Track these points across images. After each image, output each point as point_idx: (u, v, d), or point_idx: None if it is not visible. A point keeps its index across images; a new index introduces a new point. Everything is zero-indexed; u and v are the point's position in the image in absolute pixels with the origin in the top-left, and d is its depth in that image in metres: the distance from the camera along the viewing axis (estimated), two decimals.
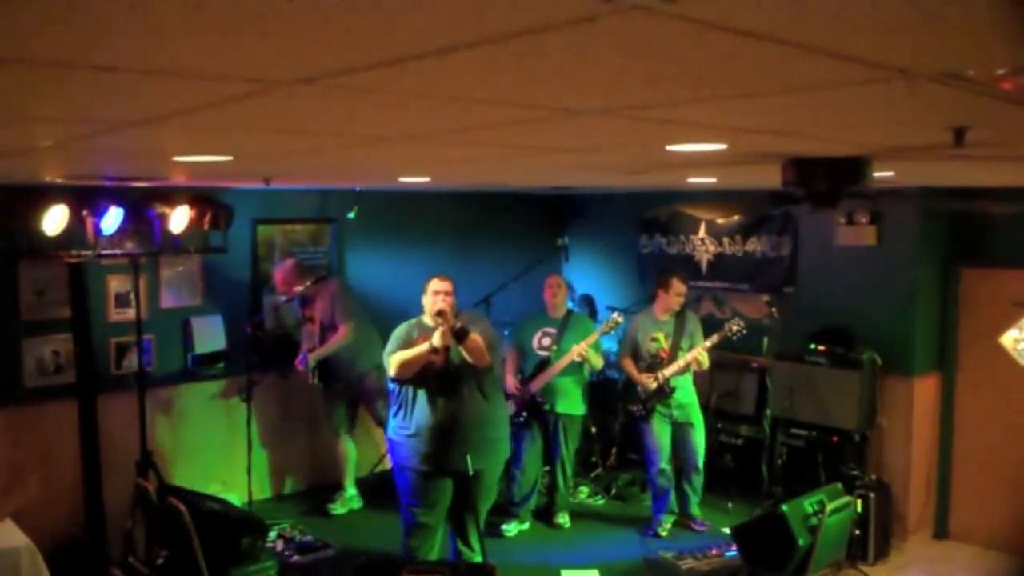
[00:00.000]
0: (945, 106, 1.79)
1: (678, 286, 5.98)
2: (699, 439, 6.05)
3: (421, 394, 4.67)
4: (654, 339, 5.99)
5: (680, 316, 6.06)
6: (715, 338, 5.90)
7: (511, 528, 6.03)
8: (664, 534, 6.00)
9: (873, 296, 6.13)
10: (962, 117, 2.01)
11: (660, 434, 5.96)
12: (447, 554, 5.16)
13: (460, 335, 4.48)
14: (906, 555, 5.88)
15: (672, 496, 6.05)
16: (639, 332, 6.07)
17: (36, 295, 5.52)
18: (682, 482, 6.08)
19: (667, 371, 5.88)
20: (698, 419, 6.06)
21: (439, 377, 4.62)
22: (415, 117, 2.03)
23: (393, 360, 4.65)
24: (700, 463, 6.06)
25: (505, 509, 6.06)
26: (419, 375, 4.63)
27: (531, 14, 1.00)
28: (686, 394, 6.02)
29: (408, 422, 4.70)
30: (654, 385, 5.90)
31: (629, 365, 6.08)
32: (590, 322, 6.66)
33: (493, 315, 6.88)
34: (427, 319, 4.70)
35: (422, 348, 4.56)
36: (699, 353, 5.88)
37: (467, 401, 4.66)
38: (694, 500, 6.13)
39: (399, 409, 4.76)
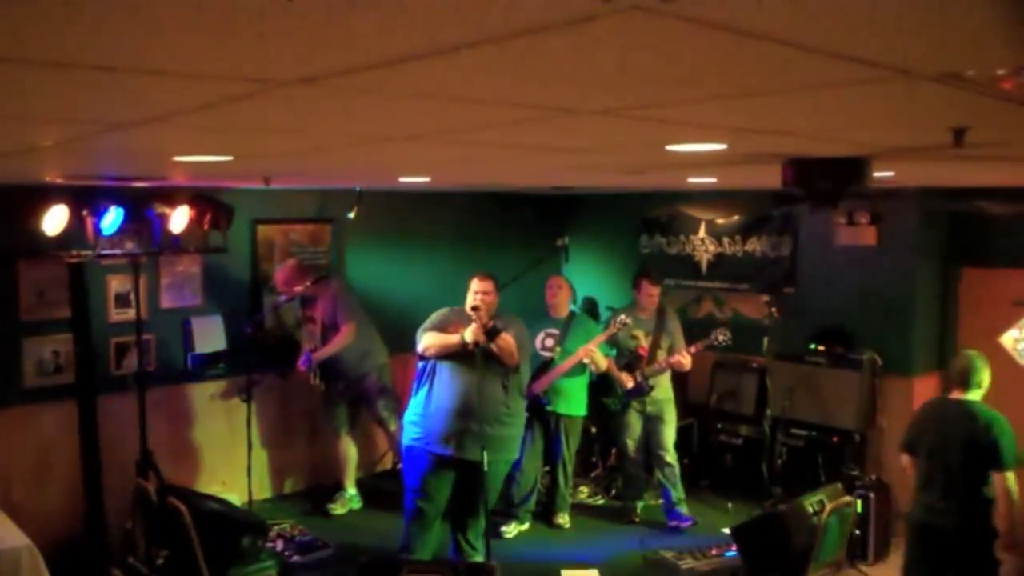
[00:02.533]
0: (945, 106, 1.79)
1: (647, 287, 6.13)
2: (668, 433, 6.18)
3: (446, 372, 4.82)
4: (633, 336, 6.11)
5: (661, 316, 6.20)
6: (699, 345, 6.04)
7: (510, 529, 6.03)
8: (638, 520, 6.24)
9: (873, 296, 6.13)
10: (962, 117, 2.01)
11: (632, 425, 6.17)
12: (447, 551, 5.17)
13: (491, 334, 4.65)
14: None
15: (644, 484, 6.32)
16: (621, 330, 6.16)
17: (36, 295, 5.52)
18: (656, 476, 6.26)
19: (647, 371, 6.04)
20: (671, 415, 6.21)
21: (467, 360, 4.75)
22: (415, 117, 2.03)
23: (425, 337, 4.86)
24: (670, 457, 6.17)
25: (505, 510, 6.06)
26: (450, 358, 4.82)
27: (531, 14, 1.00)
28: (662, 391, 6.16)
29: (428, 400, 4.86)
30: (631, 384, 6.04)
31: (610, 362, 6.13)
32: (593, 323, 6.66)
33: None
34: (468, 311, 4.86)
35: (454, 338, 4.76)
36: (682, 357, 6.01)
37: (488, 391, 4.77)
38: (674, 494, 6.19)
39: (420, 388, 4.92)
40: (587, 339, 5.94)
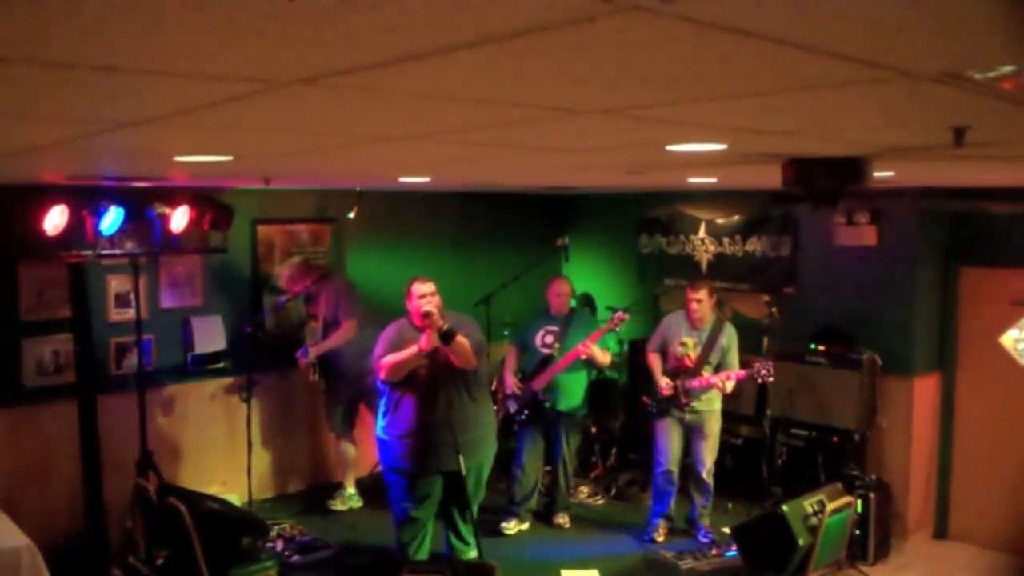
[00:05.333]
0: (945, 106, 1.79)
1: (689, 293, 5.77)
2: (709, 449, 5.79)
3: (409, 396, 4.75)
4: (683, 343, 5.77)
5: (716, 328, 5.78)
6: (741, 374, 5.65)
7: (511, 526, 6.03)
8: (660, 539, 5.90)
9: (873, 296, 6.13)
10: (962, 117, 2.01)
11: (670, 435, 5.80)
12: (441, 548, 5.20)
13: (447, 337, 4.53)
14: (906, 555, 5.87)
15: (672, 501, 5.94)
16: (671, 332, 5.87)
17: (36, 295, 5.52)
18: (689, 489, 5.93)
19: (686, 384, 5.68)
20: (712, 429, 5.80)
21: (427, 380, 4.69)
22: (415, 117, 2.03)
23: (383, 363, 4.73)
24: (707, 475, 5.81)
25: (506, 507, 6.08)
26: (407, 378, 4.71)
27: (531, 14, 1.00)
28: (704, 402, 5.75)
29: (396, 423, 4.80)
30: (668, 392, 5.74)
31: (653, 360, 5.89)
32: (593, 320, 6.66)
33: (493, 315, 6.89)
34: (416, 321, 4.72)
35: (411, 351, 4.63)
36: (724, 381, 5.59)
37: (454, 403, 4.73)
38: (701, 510, 5.92)
39: (387, 411, 4.86)
40: (588, 336, 5.93)
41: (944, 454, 6.24)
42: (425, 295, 4.69)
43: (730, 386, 5.67)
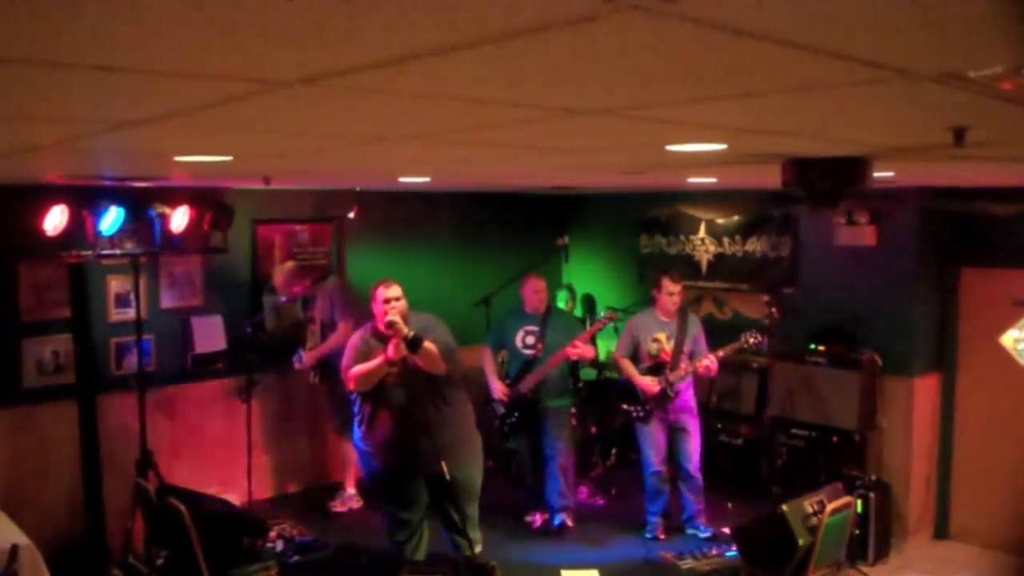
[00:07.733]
0: (945, 106, 1.79)
1: (668, 285, 5.77)
2: (693, 445, 5.85)
3: (381, 405, 4.64)
4: (655, 340, 5.81)
5: (683, 318, 5.89)
6: (729, 348, 5.74)
7: (538, 519, 6.15)
8: (662, 536, 5.93)
9: (873, 296, 6.13)
10: (962, 117, 2.01)
11: (656, 436, 5.84)
12: (441, 548, 5.20)
13: (414, 344, 4.40)
14: (906, 555, 5.87)
15: (667, 500, 5.97)
16: (641, 331, 5.87)
17: (36, 295, 5.52)
18: (680, 487, 5.95)
19: (672, 376, 5.71)
20: (694, 425, 5.89)
21: (397, 387, 4.58)
22: (415, 117, 2.03)
23: (351, 374, 4.61)
24: (694, 469, 5.86)
25: (528, 503, 6.23)
26: (378, 387, 4.59)
27: (531, 14, 1.00)
28: (683, 399, 5.84)
29: (372, 433, 4.71)
30: (656, 389, 5.74)
31: (628, 365, 5.85)
32: (571, 316, 6.66)
33: (493, 315, 6.90)
34: (381, 327, 4.58)
35: (378, 362, 4.51)
36: (711, 363, 5.68)
37: (428, 409, 4.59)
38: (694, 506, 5.94)
39: (362, 421, 4.76)
40: (568, 333, 5.92)
41: (944, 454, 6.24)
42: (390, 300, 4.54)
43: (715, 367, 5.74)
